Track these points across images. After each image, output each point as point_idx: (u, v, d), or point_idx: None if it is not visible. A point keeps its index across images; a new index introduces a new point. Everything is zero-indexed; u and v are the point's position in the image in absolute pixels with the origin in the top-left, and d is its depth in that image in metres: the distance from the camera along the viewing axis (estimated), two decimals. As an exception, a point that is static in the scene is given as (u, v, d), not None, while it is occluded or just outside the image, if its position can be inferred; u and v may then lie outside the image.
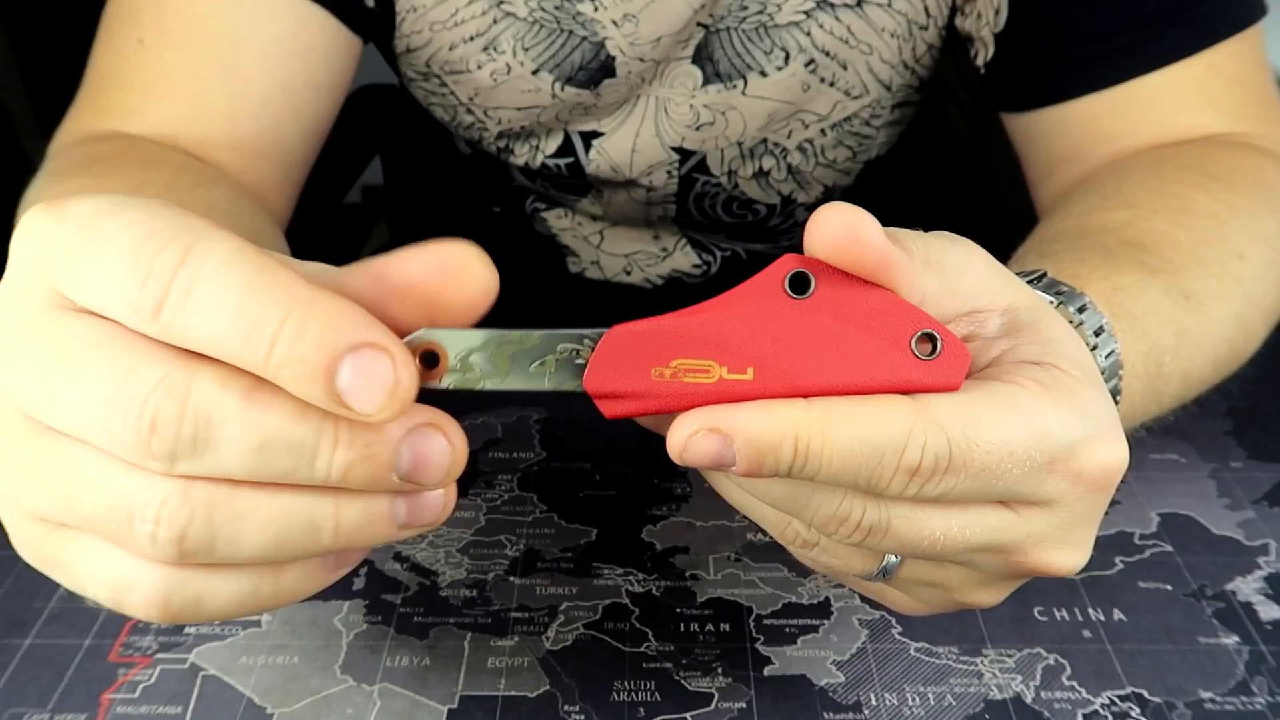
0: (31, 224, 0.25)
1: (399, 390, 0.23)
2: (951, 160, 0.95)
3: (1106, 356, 0.35)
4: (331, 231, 0.95)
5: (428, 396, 0.26)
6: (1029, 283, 0.36)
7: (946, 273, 0.28)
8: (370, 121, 0.94)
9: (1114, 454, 0.28)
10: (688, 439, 0.26)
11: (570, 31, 0.58)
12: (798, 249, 0.27)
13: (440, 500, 0.26)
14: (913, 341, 0.26)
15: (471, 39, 0.59)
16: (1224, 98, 0.52)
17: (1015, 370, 0.27)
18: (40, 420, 0.25)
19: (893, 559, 0.30)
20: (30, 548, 0.28)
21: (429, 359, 0.26)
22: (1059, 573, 0.29)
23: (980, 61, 0.57)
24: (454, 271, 0.25)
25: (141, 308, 0.23)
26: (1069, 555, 0.29)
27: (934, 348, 0.26)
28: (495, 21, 0.58)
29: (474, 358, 0.26)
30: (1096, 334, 0.35)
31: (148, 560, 0.25)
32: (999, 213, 0.83)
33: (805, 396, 0.26)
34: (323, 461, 0.24)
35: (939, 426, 0.25)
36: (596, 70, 0.59)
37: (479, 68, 0.60)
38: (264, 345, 0.22)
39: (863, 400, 0.26)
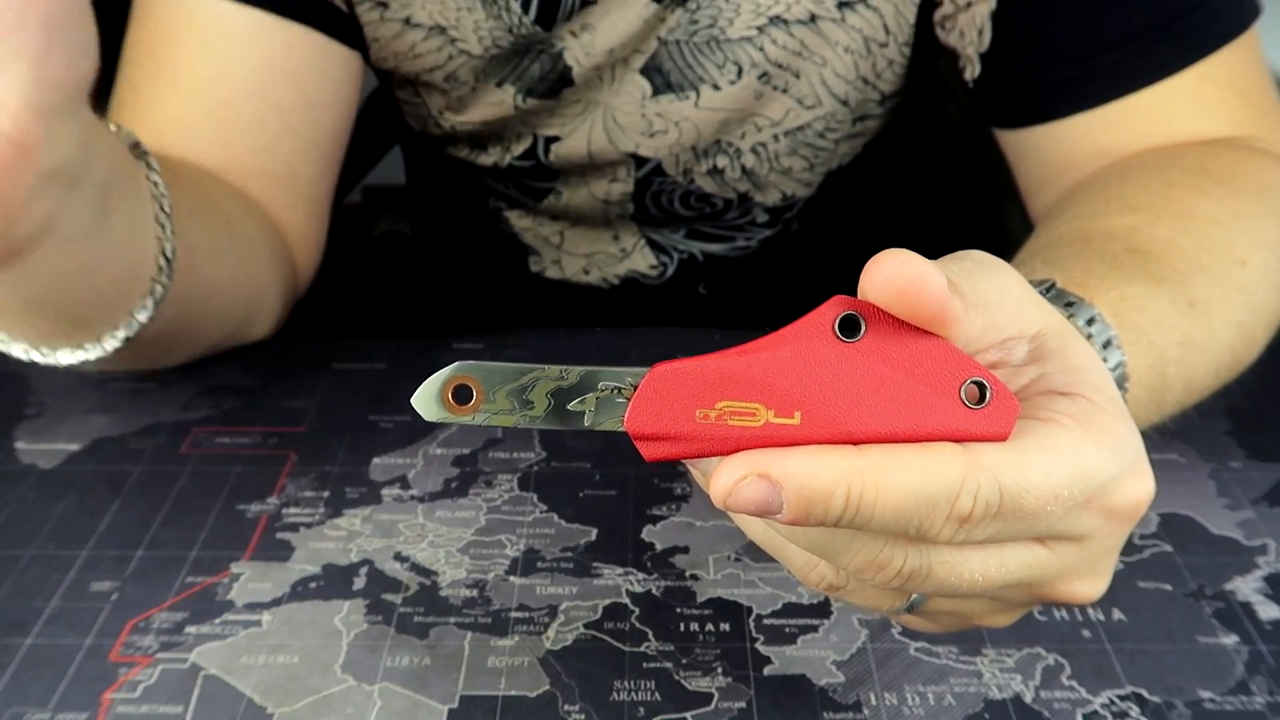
0: None
1: None
2: (951, 160, 0.95)
3: (1114, 369, 0.35)
4: (331, 231, 0.95)
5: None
6: (1039, 293, 0.36)
7: (989, 310, 0.28)
8: (371, 122, 0.94)
9: (1144, 489, 0.28)
10: (735, 484, 0.25)
11: (527, 48, 0.58)
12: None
13: None
14: (962, 390, 0.25)
15: (432, 70, 0.60)
16: (1220, 106, 0.52)
17: (1049, 405, 0.27)
18: None
19: (918, 595, 0.30)
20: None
21: (462, 394, 0.25)
22: (1080, 602, 0.29)
23: (968, 77, 0.57)
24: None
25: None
26: (1092, 585, 0.29)
27: (983, 396, 0.26)
28: (451, 58, 0.59)
29: (509, 393, 0.26)
30: (1105, 346, 0.35)
31: None
32: (999, 212, 0.83)
33: (853, 443, 0.25)
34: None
35: (990, 474, 0.25)
36: (556, 81, 0.59)
37: (444, 93, 0.61)
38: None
39: (915, 449, 0.25)
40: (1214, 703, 0.39)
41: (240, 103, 0.54)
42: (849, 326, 0.26)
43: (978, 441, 0.25)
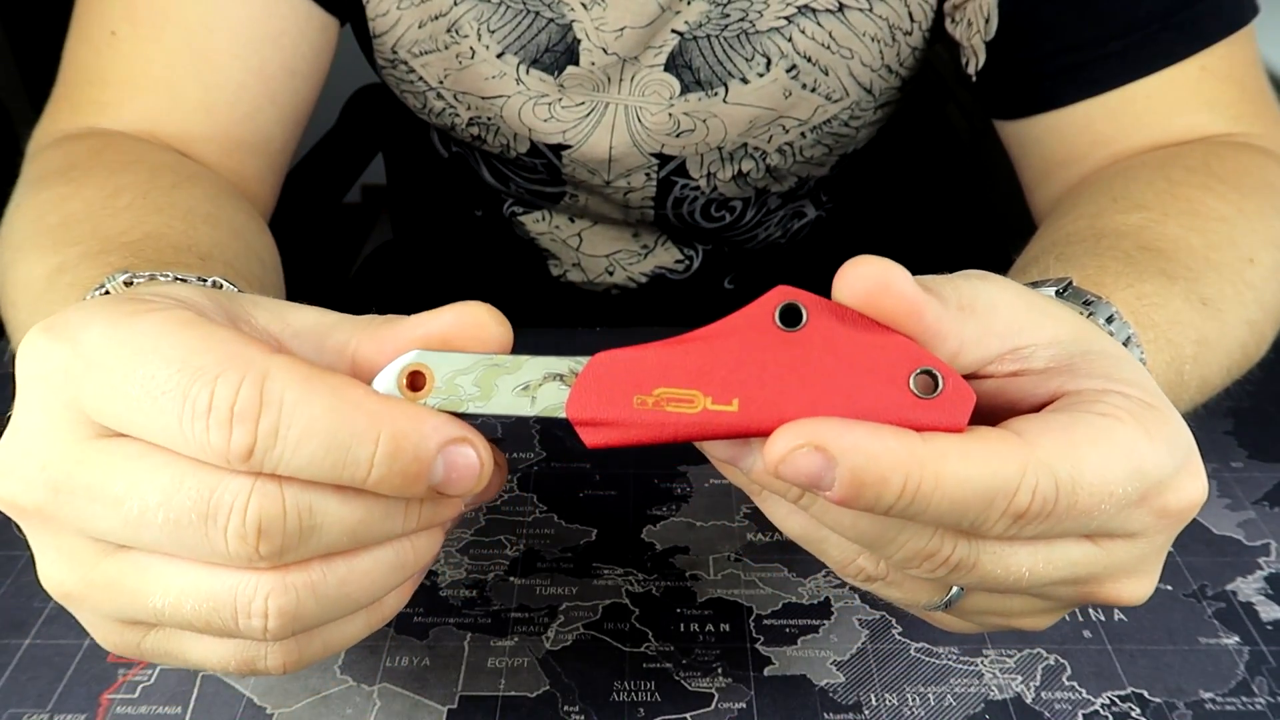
0: (40, 351, 0.25)
1: (484, 470, 0.26)
2: (951, 160, 0.95)
3: None
4: (331, 231, 0.95)
5: None
6: (1056, 293, 0.36)
7: (980, 315, 0.27)
8: (370, 121, 0.94)
9: (1199, 488, 0.27)
10: (789, 451, 0.24)
11: (536, 13, 0.57)
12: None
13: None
14: (911, 379, 0.25)
15: (436, 18, 0.58)
16: (1220, 99, 0.52)
17: (1101, 398, 0.27)
18: (112, 542, 0.26)
19: (957, 590, 0.29)
20: (130, 647, 0.29)
21: (416, 380, 0.26)
22: (1127, 603, 0.29)
23: (972, 70, 0.57)
24: (472, 328, 0.27)
25: (232, 452, 0.23)
26: (1140, 586, 0.29)
27: (936, 386, 0.25)
28: (456, 3, 0.57)
29: (460, 380, 0.27)
30: (1124, 344, 0.35)
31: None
32: (999, 212, 0.83)
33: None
34: (411, 515, 0.26)
35: (1048, 469, 0.24)
36: (562, 54, 0.58)
37: (445, 48, 0.59)
38: (362, 468, 0.24)
39: (975, 437, 0.25)
40: (1215, 703, 0.39)
41: (226, 63, 0.53)
42: (790, 316, 0.26)
43: (930, 432, 0.25)
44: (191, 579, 0.25)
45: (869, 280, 0.25)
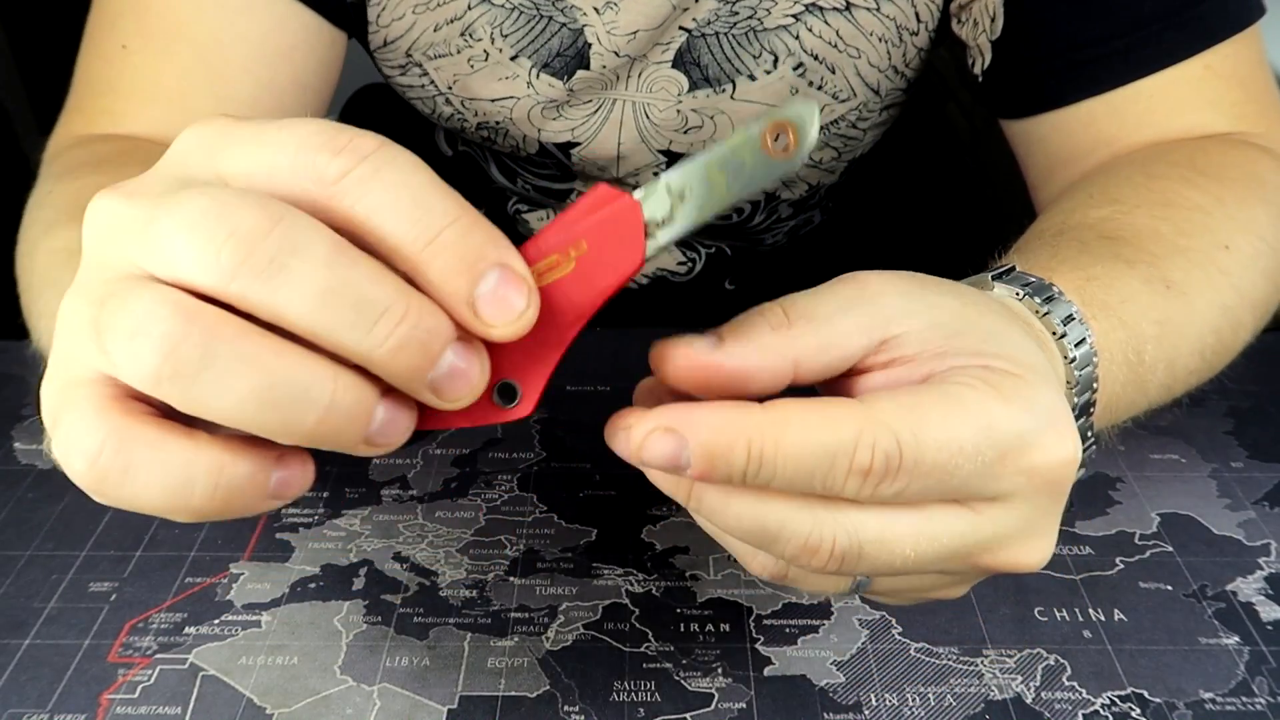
0: (199, 131, 0.26)
1: (522, 320, 0.25)
2: (951, 159, 0.95)
3: (1077, 345, 0.35)
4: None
5: None
6: (995, 278, 0.36)
7: (820, 321, 0.28)
8: (370, 121, 0.94)
9: (1064, 448, 0.28)
10: (645, 437, 0.26)
11: (550, 18, 0.58)
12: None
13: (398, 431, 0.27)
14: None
15: (451, 22, 0.59)
16: (1223, 98, 0.52)
17: (960, 372, 0.28)
18: (146, 273, 0.24)
19: (863, 578, 0.31)
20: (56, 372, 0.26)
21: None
22: (1024, 569, 0.29)
23: (978, 70, 0.57)
24: None
25: (326, 173, 0.24)
26: (1031, 551, 0.29)
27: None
28: (470, 7, 0.58)
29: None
30: (1065, 322, 0.35)
31: (98, 408, 0.24)
32: (999, 211, 0.83)
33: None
34: (382, 328, 0.24)
35: (886, 427, 0.26)
36: (573, 58, 0.59)
37: (458, 52, 0.60)
38: (431, 231, 0.24)
39: (815, 405, 0.26)
40: (1215, 704, 0.39)
41: (238, 77, 0.54)
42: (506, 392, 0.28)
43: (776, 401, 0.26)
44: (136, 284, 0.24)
45: (664, 374, 0.27)
